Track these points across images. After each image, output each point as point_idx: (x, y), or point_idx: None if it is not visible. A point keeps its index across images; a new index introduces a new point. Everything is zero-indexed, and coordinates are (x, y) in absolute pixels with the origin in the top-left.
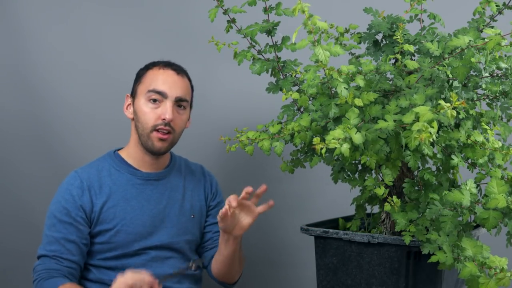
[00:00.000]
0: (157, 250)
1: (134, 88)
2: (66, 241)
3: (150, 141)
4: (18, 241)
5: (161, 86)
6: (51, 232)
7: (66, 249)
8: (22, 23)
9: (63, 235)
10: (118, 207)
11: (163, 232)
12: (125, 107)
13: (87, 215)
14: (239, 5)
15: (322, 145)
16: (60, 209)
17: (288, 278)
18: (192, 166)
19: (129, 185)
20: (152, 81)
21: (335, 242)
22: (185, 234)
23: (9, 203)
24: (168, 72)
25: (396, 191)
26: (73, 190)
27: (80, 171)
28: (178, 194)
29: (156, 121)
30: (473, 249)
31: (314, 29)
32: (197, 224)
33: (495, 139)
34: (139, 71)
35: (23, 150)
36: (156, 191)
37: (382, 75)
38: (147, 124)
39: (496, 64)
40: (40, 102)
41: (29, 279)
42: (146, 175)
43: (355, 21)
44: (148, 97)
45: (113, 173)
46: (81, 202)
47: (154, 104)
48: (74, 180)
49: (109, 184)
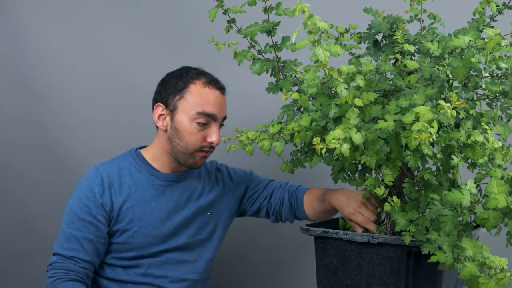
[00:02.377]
0: (173, 253)
1: (170, 99)
2: (84, 240)
3: (192, 159)
4: (18, 242)
5: (212, 109)
6: (69, 229)
7: (83, 249)
8: (21, 23)
9: (82, 234)
10: (137, 208)
11: (180, 234)
12: (156, 117)
13: (107, 213)
14: (239, 5)
15: (322, 145)
16: (81, 207)
17: (288, 278)
18: (208, 166)
19: (149, 185)
20: (202, 102)
21: (335, 242)
22: (201, 233)
23: (10, 204)
24: (216, 93)
25: (396, 191)
26: (95, 188)
27: (101, 168)
28: (195, 195)
29: (202, 143)
30: (473, 249)
31: (314, 29)
32: (214, 220)
33: (495, 139)
34: (175, 81)
35: (23, 151)
36: (175, 193)
37: (382, 75)
38: (193, 145)
39: (496, 64)
40: (40, 103)
41: (29, 279)
42: (166, 176)
43: (355, 21)
44: (196, 119)
45: (134, 173)
46: (102, 200)
47: (202, 127)
48: (95, 177)
49: (129, 183)
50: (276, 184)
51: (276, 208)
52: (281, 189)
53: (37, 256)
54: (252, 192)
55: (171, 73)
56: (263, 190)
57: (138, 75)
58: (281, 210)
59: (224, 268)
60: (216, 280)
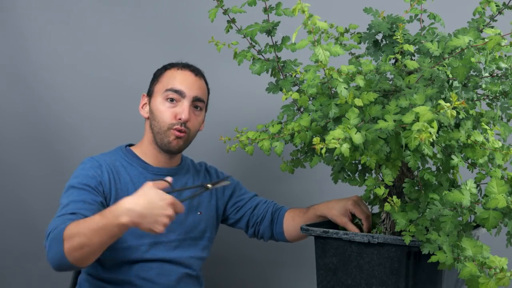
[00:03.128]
0: (166, 249)
1: (151, 87)
2: (84, 202)
3: (166, 138)
4: (18, 241)
5: (179, 85)
6: (67, 200)
7: (85, 208)
8: (21, 23)
9: (81, 198)
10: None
11: (171, 228)
12: (140, 106)
13: (105, 191)
14: (239, 5)
15: (322, 145)
16: (80, 181)
17: (288, 278)
18: (197, 167)
19: (142, 178)
20: (170, 80)
21: (335, 242)
22: (192, 231)
23: (9, 203)
24: (186, 73)
25: (396, 191)
26: (92, 169)
27: (96, 157)
28: (187, 192)
29: (172, 120)
30: (473, 249)
31: (314, 29)
32: (204, 221)
33: (495, 139)
34: (156, 71)
35: (22, 150)
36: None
37: (382, 75)
38: (164, 122)
39: (496, 64)
40: (40, 103)
41: (29, 279)
42: (157, 170)
43: (355, 21)
44: (166, 96)
45: (126, 166)
46: (101, 178)
47: (171, 104)
48: (91, 162)
49: (123, 174)
50: (261, 199)
51: (257, 220)
52: (266, 204)
53: (37, 255)
54: (237, 199)
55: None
56: (248, 200)
57: (138, 75)
58: (261, 223)
59: (224, 267)
60: (216, 279)
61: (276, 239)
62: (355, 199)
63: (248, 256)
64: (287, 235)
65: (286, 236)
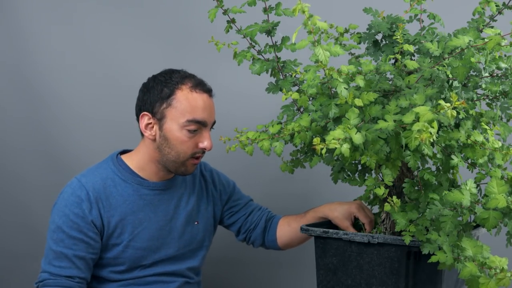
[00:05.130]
0: (164, 264)
1: (157, 108)
2: (76, 258)
3: (184, 167)
4: (18, 243)
5: (201, 115)
6: (59, 248)
7: (76, 266)
8: (22, 23)
9: (73, 252)
10: (126, 221)
11: (170, 244)
12: (143, 126)
13: (99, 230)
14: (239, 5)
15: (322, 145)
16: (69, 224)
17: (288, 278)
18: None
19: (136, 195)
20: (191, 109)
21: (335, 242)
22: (190, 244)
23: (10, 205)
24: (204, 97)
25: (396, 191)
26: (82, 204)
27: (84, 180)
28: (183, 202)
29: (194, 150)
30: (473, 249)
31: (314, 29)
32: (202, 231)
33: (495, 139)
34: (161, 88)
35: (23, 152)
36: (163, 201)
37: (382, 75)
38: (184, 153)
39: (496, 64)
40: (40, 103)
41: (29, 280)
42: (153, 185)
43: (355, 21)
44: (186, 126)
45: (118, 184)
46: (91, 217)
47: (192, 134)
48: (80, 190)
49: (115, 195)
50: (256, 205)
51: (250, 227)
52: (260, 211)
53: (36, 256)
54: (233, 204)
55: (153, 79)
56: (243, 206)
57: (138, 76)
58: (254, 230)
59: (224, 267)
60: (216, 279)
61: (266, 247)
62: (359, 203)
63: (248, 256)
64: (280, 242)
65: (278, 243)
